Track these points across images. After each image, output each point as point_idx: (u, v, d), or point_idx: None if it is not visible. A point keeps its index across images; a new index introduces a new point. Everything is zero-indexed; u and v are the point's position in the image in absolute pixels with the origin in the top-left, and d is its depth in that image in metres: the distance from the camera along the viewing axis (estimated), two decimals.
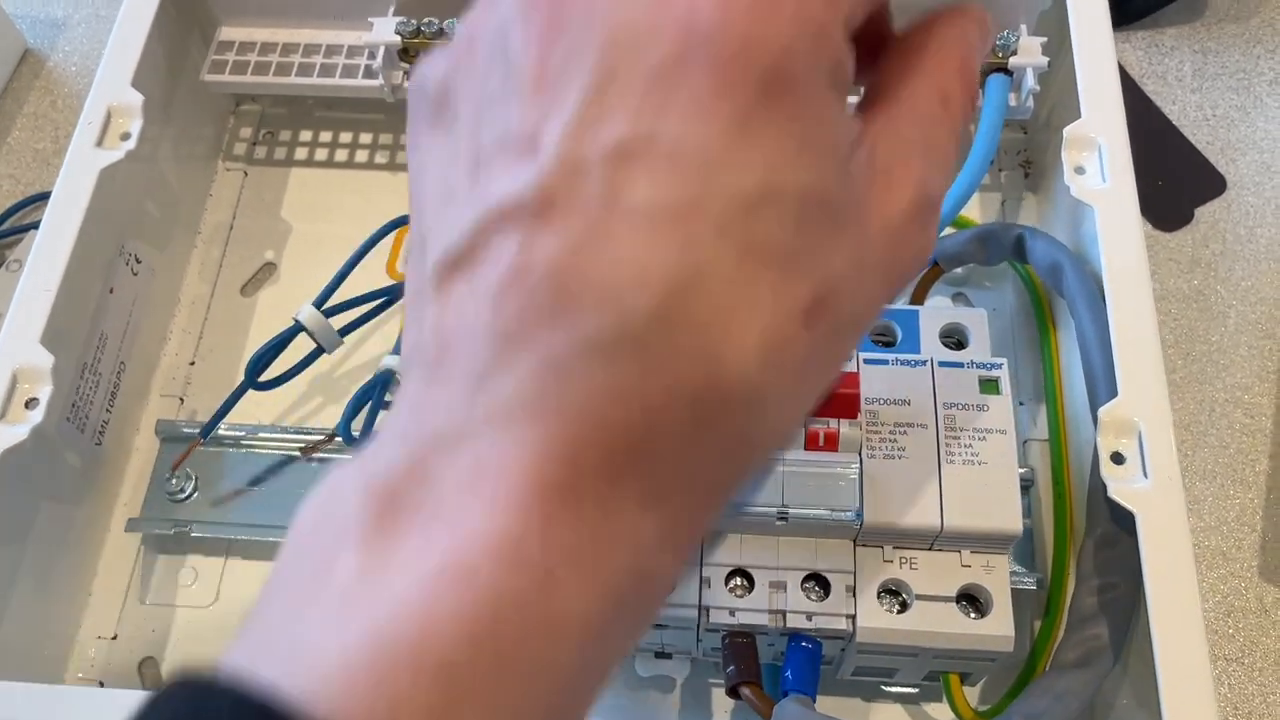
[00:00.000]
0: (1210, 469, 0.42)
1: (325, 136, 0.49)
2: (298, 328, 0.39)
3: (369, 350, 0.44)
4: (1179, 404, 0.43)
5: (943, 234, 0.41)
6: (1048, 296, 0.43)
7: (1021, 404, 0.42)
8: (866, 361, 0.33)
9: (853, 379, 0.32)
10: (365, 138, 0.49)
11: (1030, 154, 0.47)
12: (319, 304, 0.39)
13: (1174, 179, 0.47)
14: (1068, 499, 0.39)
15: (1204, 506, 0.41)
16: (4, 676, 0.34)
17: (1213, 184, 0.48)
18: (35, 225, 0.47)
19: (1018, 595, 0.34)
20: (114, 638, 0.39)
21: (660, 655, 0.35)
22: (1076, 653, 0.32)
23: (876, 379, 0.33)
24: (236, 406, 0.39)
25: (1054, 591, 0.38)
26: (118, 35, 0.41)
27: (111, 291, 0.40)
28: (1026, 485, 0.39)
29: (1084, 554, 0.34)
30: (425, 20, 0.42)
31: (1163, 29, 0.51)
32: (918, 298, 0.42)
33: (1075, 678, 0.32)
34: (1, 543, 0.35)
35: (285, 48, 0.45)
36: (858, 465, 0.31)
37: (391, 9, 0.43)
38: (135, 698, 0.31)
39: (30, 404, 0.34)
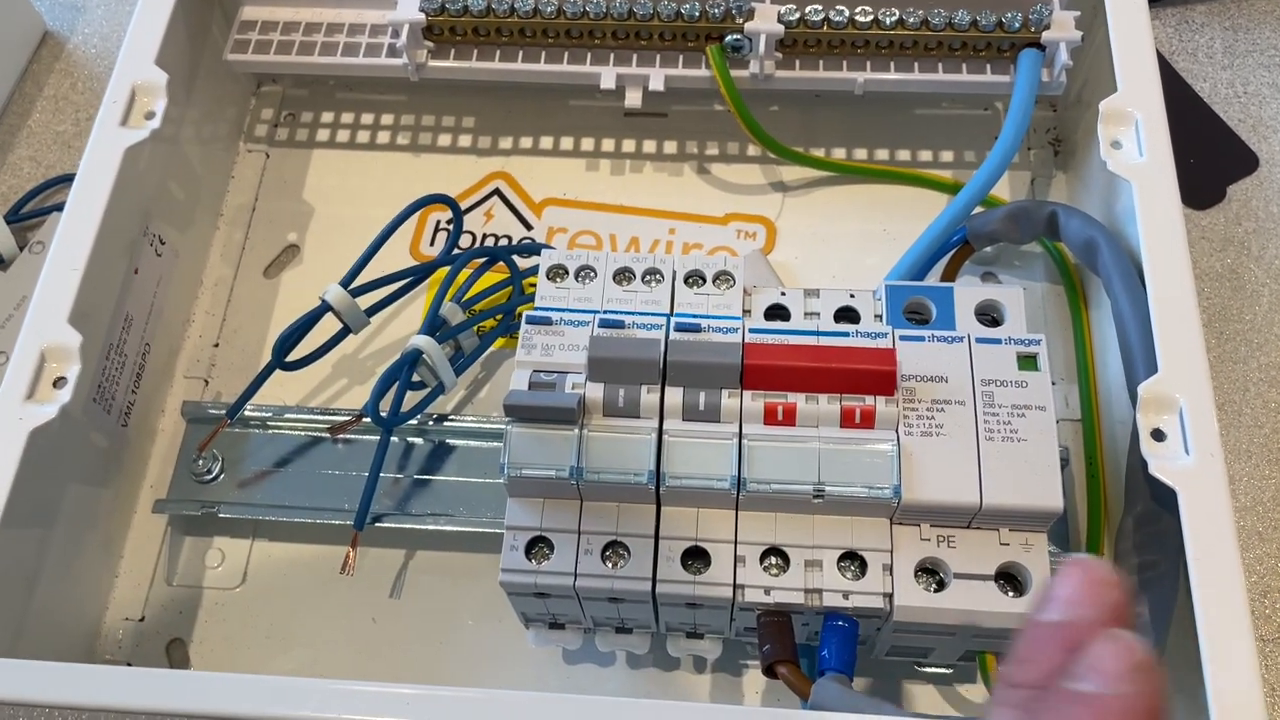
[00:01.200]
0: (1245, 448, 0.41)
1: (346, 118, 0.49)
2: (324, 308, 0.38)
3: (393, 332, 0.44)
4: (1213, 384, 0.42)
5: (974, 212, 0.40)
6: (1079, 275, 0.43)
7: (1054, 384, 0.41)
8: (902, 338, 0.33)
9: (889, 355, 0.32)
10: (386, 119, 0.49)
11: (1060, 131, 0.47)
12: (345, 284, 0.39)
13: (1206, 157, 0.47)
14: (1101, 480, 0.39)
15: (1239, 486, 0.40)
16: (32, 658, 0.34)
17: (1245, 161, 0.47)
18: (57, 208, 0.47)
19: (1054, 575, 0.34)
20: (141, 619, 0.39)
21: (692, 635, 0.35)
22: None
23: (913, 356, 0.32)
24: (261, 388, 0.39)
25: None
26: (141, 13, 0.41)
27: (136, 272, 0.40)
28: (1060, 465, 0.39)
29: (1123, 532, 0.34)
30: None
31: (1193, 6, 0.51)
32: (948, 276, 0.41)
33: None
34: (30, 525, 0.34)
35: (308, 27, 0.44)
36: (895, 442, 0.31)
37: None
38: (164, 676, 0.31)
39: (58, 383, 0.34)
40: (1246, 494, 0.40)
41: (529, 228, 0.46)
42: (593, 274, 0.36)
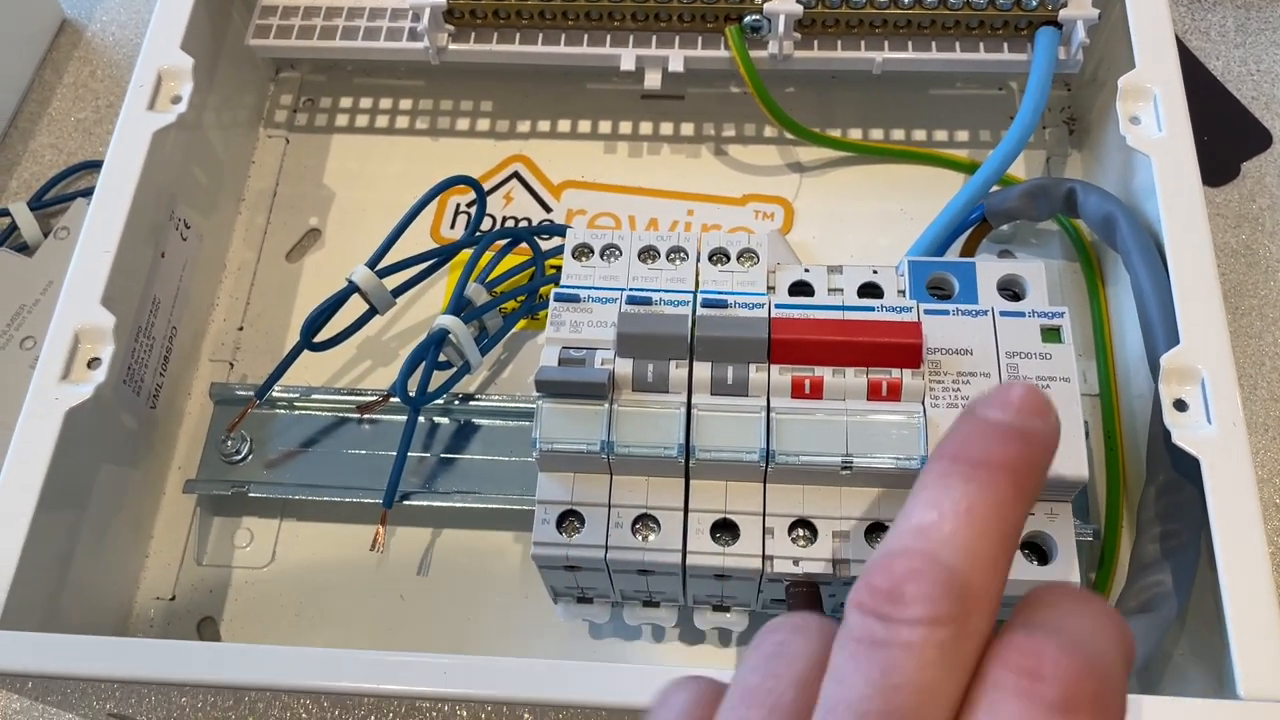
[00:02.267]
0: (1262, 422, 0.42)
1: (365, 103, 0.49)
2: (351, 288, 0.39)
3: (415, 314, 0.44)
4: None
5: (992, 190, 0.41)
6: (1096, 252, 0.43)
7: None
8: (927, 312, 0.33)
9: (915, 329, 0.32)
10: (404, 104, 0.49)
11: (1075, 110, 0.47)
12: (372, 265, 0.39)
13: (1219, 134, 0.47)
14: (1120, 453, 0.39)
15: (1256, 460, 0.41)
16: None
17: (1259, 139, 0.47)
18: (81, 194, 0.47)
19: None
20: (172, 599, 0.40)
21: (718, 609, 0.35)
22: (1139, 599, 0.32)
23: (938, 329, 0.33)
24: (288, 369, 0.39)
25: (1108, 544, 0.38)
26: (164, 1, 0.41)
27: (163, 256, 0.40)
28: None
29: (1145, 501, 0.34)
30: None
31: None
32: (966, 254, 0.42)
33: (1140, 623, 0.32)
34: (64, 505, 0.35)
35: (329, 11, 0.45)
36: (921, 414, 0.31)
37: None
38: (201, 649, 0.32)
39: (93, 364, 0.35)
40: (1264, 466, 0.41)
41: (548, 210, 0.47)
42: (618, 252, 0.36)
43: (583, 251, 0.36)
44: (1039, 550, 0.32)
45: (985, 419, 0.21)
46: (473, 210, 0.46)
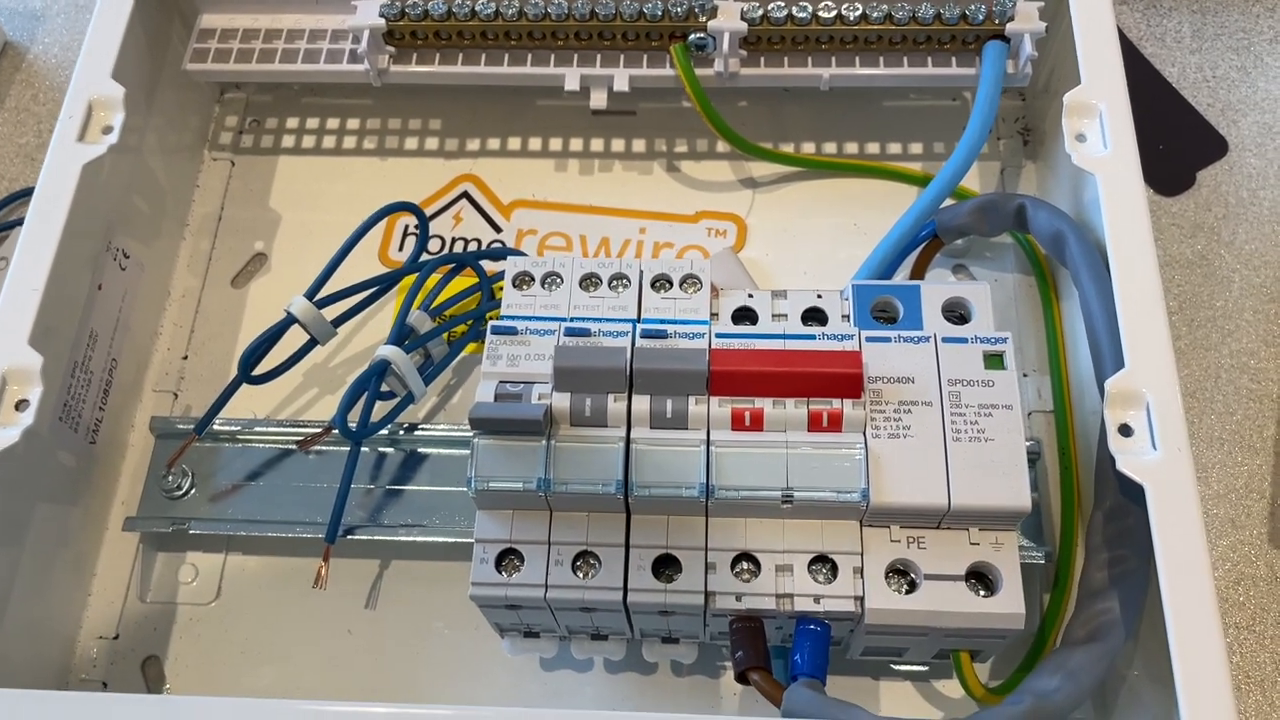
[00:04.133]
0: (1217, 435, 0.41)
1: (312, 123, 0.48)
2: (290, 320, 0.38)
3: (363, 339, 0.43)
4: (1184, 371, 0.42)
5: (942, 205, 0.40)
6: (1050, 266, 0.43)
7: (1025, 375, 0.41)
8: (869, 340, 0.33)
9: (855, 358, 0.32)
10: (353, 123, 0.48)
11: (1029, 120, 0.46)
12: (311, 295, 0.38)
13: (1175, 142, 0.47)
14: (1074, 471, 0.39)
15: (1211, 474, 0.41)
16: (7, 682, 0.34)
17: (1214, 146, 0.47)
18: (19, 222, 0.46)
19: (1026, 569, 0.34)
20: (115, 637, 0.39)
21: (667, 640, 0.35)
22: (1087, 628, 0.32)
23: (879, 357, 0.32)
24: (231, 400, 0.39)
25: (1062, 564, 0.37)
26: (96, 26, 0.40)
27: (100, 288, 0.40)
28: (1033, 458, 0.39)
29: (1093, 527, 0.34)
30: (410, 2, 0.41)
31: None
32: (918, 270, 0.41)
33: (1087, 653, 0.31)
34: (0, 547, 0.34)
35: (268, 34, 0.44)
36: (862, 445, 0.31)
37: None
38: (139, 701, 0.31)
39: (20, 406, 0.34)
40: (1220, 481, 0.41)
41: (498, 230, 0.46)
42: (559, 280, 0.35)
43: (524, 280, 0.36)
44: (985, 580, 0.31)
45: None
46: (420, 226, 0.45)
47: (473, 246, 0.45)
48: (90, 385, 0.39)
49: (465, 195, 0.47)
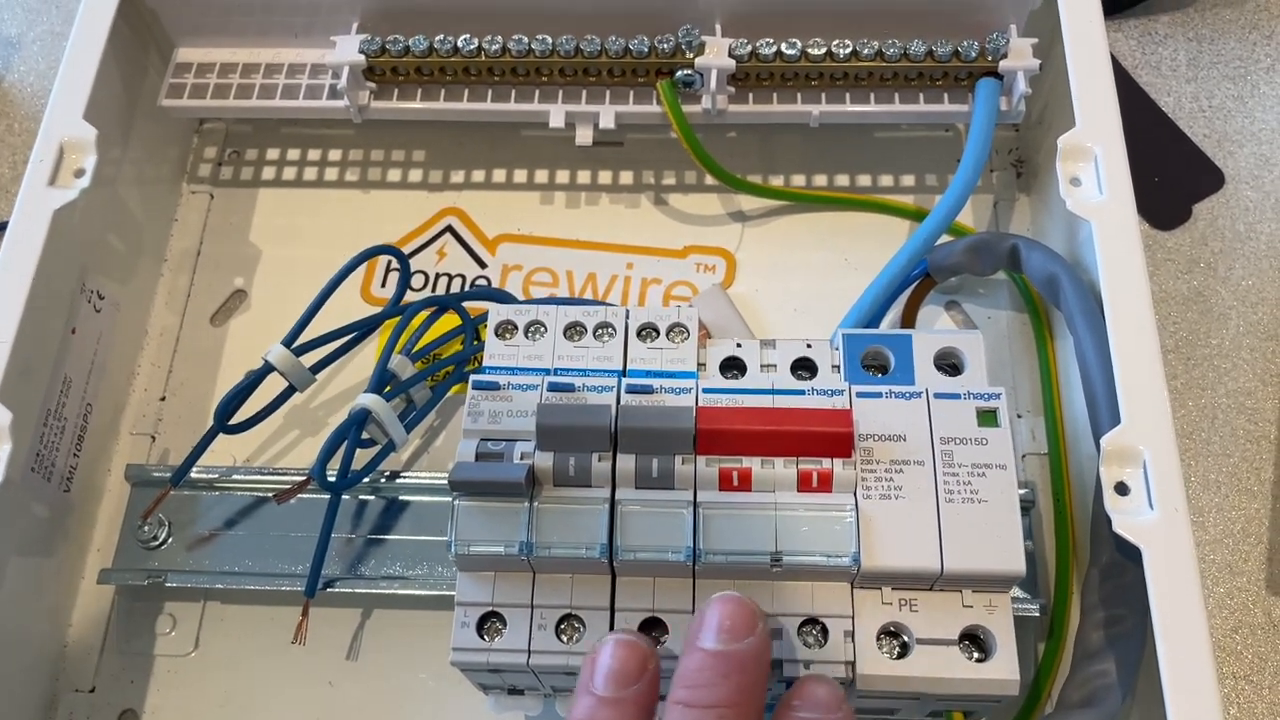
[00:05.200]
0: (1214, 479, 0.41)
1: (293, 154, 0.47)
2: (267, 368, 0.37)
3: (343, 380, 0.43)
4: (1180, 411, 0.42)
5: (936, 244, 0.40)
6: (1044, 305, 0.42)
7: (1020, 416, 0.41)
8: (859, 395, 0.32)
9: (845, 417, 0.31)
10: (334, 155, 0.47)
11: (1022, 152, 0.46)
12: (289, 342, 0.37)
13: (1170, 175, 0.46)
14: (1069, 520, 0.38)
15: (1208, 518, 0.40)
16: None
17: (1210, 179, 0.46)
18: None
19: (1021, 622, 0.33)
20: (92, 690, 0.38)
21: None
22: (1083, 691, 0.31)
23: (870, 413, 0.32)
24: (209, 447, 0.38)
25: (1057, 613, 0.37)
26: (68, 65, 0.39)
27: (74, 332, 0.39)
28: (1027, 506, 0.38)
29: (1089, 585, 0.33)
30: (390, 38, 0.40)
31: (1155, 16, 0.50)
32: (910, 310, 0.40)
33: (1084, 718, 0.31)
34: None
35: (246, 68, 0.43)
36: (853, 507, 0.30)
37: (354, 26, 0.41)
38: None
39: None
40: (1216, 525, 0.40)
41: (483, 266, 0.45)
42: (543, 329, 0.35)
43: (507, 329, 0.35)
44: (978, 642, 0.31)
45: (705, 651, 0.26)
46: (401, 269, 0.44)
47: (457, 282, 0.45)
48: (64, 433, 0.38)
49: (449, 229, 0.46)
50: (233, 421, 0.37)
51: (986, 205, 0.45)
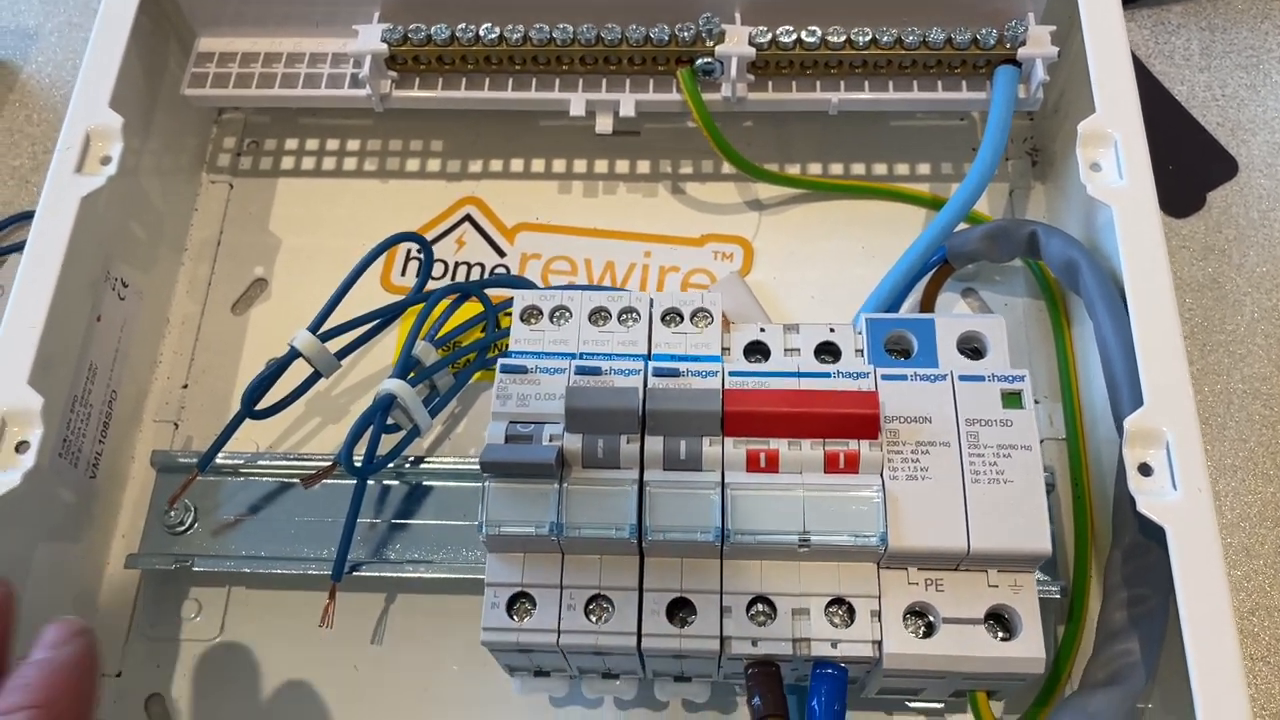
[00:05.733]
0: (1230, 463, 0.41)
1: (312, 144, 0.48)
2: (293, 354, 0.37)
3: (364, 368, 0.43)
4: (1196, 396, 0.42)
5: (954, 231, 0.40)
6: (1061, 291, 0.42)
7: (1037, 402, 0.41)
8: (884, 378, 0.32)
9: (871, 398, 0.31)
10: (352, 145, 0.48)
11: (1038, 141, 0.46)
12: (314, 328, 0.38)
13: (1184, 163, 0.46)
14: (1088, 504, 0.38)
15: (1225, 502, 0.40)
16: None
17: (1224, 167, 0.47)
18: (17, 248, 0.46)
19: (1041, 604, 0.33)
20: (118, 675, 0.38)
21: (680, 679, 0.34)
22: (1107, 670, 0.32)
23: (895, 396, 0.32)
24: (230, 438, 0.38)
25: (1077, 596, 0.37)
26: (93, 54, 0.39)
27: (99, 319, 0.39)
28: (1047, 490, 0.38)
29: (1111, 565, 0.34)
30: (412, 27, 0.40)
31: (1168, 6, 0.50)
32: (929, 296, 0.41)
33: (1108, 696, 0.31)
34: None
35: (267, 58, 0.43)
36: (880, 487, 0.31)
37: (376, 15, 0.42)
38: None
39: (20, 448, 0.33)
40: (1233, 509, 0.40)
41: (502, 254, 0.45)
42: (568, 314, 0.35)
43: (532, 314, 0.35)
44: (1003, 621, 0.31)
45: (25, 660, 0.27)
46: (424, 256, 0.45)
47: (476, 271, 0.45)
48: (90, 419, 0.38)
49: (468, 219, 0.46)
50: (259, 407, 0.37)
51: (1002, 194, 0.45)
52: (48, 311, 0.35)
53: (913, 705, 0.36)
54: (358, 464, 0.36)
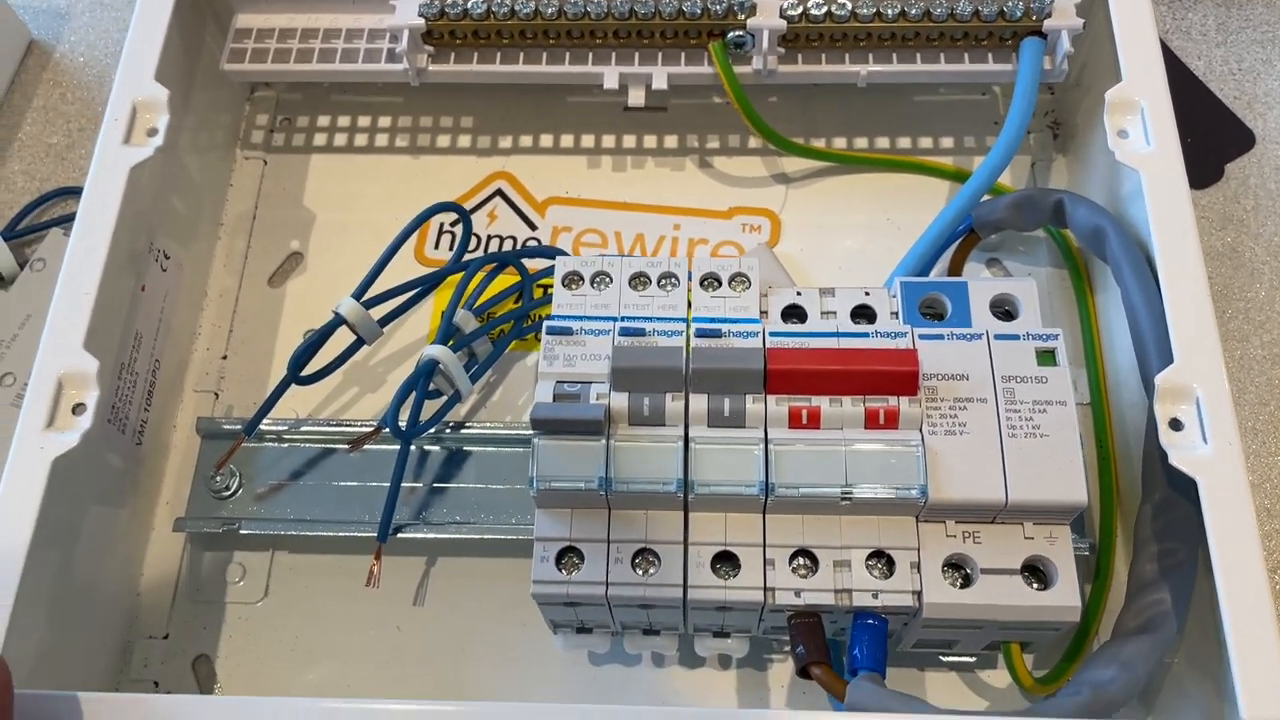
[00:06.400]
0: (1251, 426, 0.42)
1: (343, 121, 0.48)
2: (338, 320, 0.38)
3: (400, 338, 0.44)
4: None
5: (980, 200, 0.41)
6: (1084, 260, 0.43)
7: None
8: (922, 337, 0.33)
9: (911, 356, 0.32)
10: (383, 121, 0.48)
11: (1059, 114, 0.47)
12: (358, 296, 0.38)
13: (1203, 135, 0.47)
14: (1113, 465, 0.39)
15: (1246, 465, 0.41)
16: (62, 683, 0.34)
17: (1242, 139, 0.47)
18: (55, 222, 0.47)
19: None
20: (165, 637, 0.39)
21: (719, 635, 0.35)
22: (1139, 619, 0.32)
23: (932, 354, 0.33)
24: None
25: (1103, 556, 0.38)
26: (137, 27, 0.40)
27: (144, 289, 0.40)
28: None
29: (1141, 519, 0.34)
30: (449, 2, 0.41)
31: None
32: (955, 265, 0.42)
33: (1139, 644, 0.32)
34: (51, 549, 0.34)
35: (304, 33, 0.44)
36: (919, 442, 0.31)
37: None
38: (190, 702, 0.31)
39: (78, 409, 0.34)
40: (1255, 471, 0.41)
41: (533, 228, 0.46)
42: (608, 280, 0.36)
43: (573, 280, 0.36)
44: (1038, 573, 0.32)
45: None
46: (457, 229, 0.45)
47: (508, 244, 0.46)
48: (136, 386, 0.39)
49: (499, 193, 0.47)
50: (305, 373, 0.38)
51: (1024, 166, 0.46)
52: (100, 277, 0.35)
53: (945, 660, 0.37)
54: (403, 427, 0.37)
